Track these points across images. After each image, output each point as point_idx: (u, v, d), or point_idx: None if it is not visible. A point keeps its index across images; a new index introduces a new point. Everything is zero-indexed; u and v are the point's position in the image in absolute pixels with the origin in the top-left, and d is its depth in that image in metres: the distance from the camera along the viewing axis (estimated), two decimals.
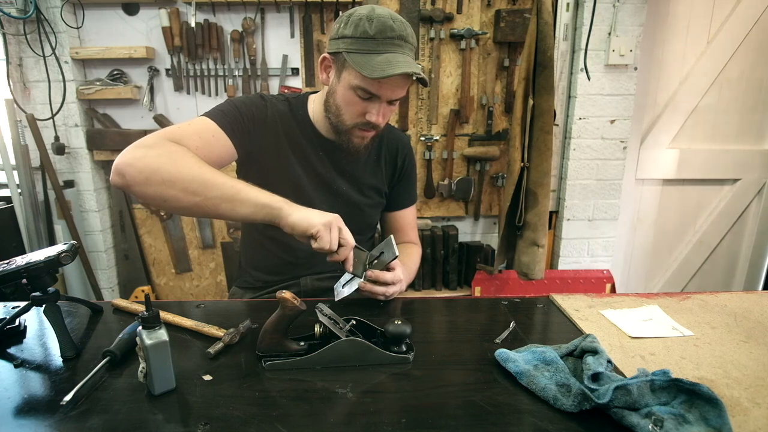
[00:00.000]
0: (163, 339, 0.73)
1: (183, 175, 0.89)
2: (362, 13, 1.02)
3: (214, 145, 1.03)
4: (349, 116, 1.09)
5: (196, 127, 1.03)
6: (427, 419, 0.69)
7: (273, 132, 1.15)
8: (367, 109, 1.07)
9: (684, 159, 2.56)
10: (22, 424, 0.68)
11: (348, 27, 1.02)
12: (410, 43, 1.05)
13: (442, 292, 2.55)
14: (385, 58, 1.00)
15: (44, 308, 0.89)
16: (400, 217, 1.37)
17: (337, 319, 0.86)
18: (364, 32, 1.00)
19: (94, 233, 2.42)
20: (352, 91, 1.05)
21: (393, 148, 1.30)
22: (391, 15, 1.02)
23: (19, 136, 2.13)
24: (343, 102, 1.08)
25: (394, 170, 1.31)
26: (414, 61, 1.05)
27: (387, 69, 0.98)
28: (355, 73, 1.02)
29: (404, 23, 1.03)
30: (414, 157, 1.36)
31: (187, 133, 0.99)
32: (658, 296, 1.14)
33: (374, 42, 1.00)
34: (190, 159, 0.92)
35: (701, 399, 0.68)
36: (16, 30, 2.13)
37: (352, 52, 1.02)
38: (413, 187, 1.38)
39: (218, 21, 2.24)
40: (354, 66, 1.01)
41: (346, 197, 1.24)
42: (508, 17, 2.22)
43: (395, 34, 1.01)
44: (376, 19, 1.00)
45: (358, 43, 1.01)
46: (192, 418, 0.69)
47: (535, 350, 0.83)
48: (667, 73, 2.47)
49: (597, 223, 2.53)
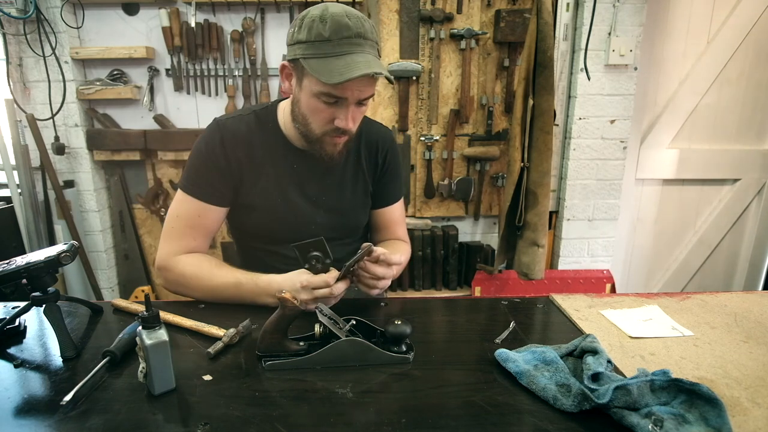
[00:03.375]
0: (163, 339, 0.73)
1: (197, 293, 1.10)
2: (315, 14, 0.95)
3: (205, 221, 1.13)
4: (317, 124, 1.04)
5: (183, 218, 1.11)
6: (427, 419, 0.69)
7: (238, 162, 1.11)
8: (335, 115, 1.02)
9: (684, 159, 2.56)
10: (22, 424, 0.68)
11: (302, 31, 0.96)
12: (370, 39, 0.98)
13: (442, 292, 2.55)
14: (344, 60, 0.94)
15: (44, 308, 0.89)
16: (386, 213, 1.31)
17: (337, 319, 0.86)
18: (318, 35, 0.94)
19: (94, 233, 2.42)
20: (316, 98, 0.99)
21: (372, 145, 1.23)
22: (346, 11, 0.95)
23: (19, 136, 2.13)
24: (308, 110, 1.03)
25: (376, 167, 1.25)
26: (376, 58, 0.99)
27: (346, 72, 0.92)
28: (315, 80, 0.96)
29: (361, 18, 0.97)
30: (397, 151, 1.29)
31: (181, 233, 1.11)
32: (658, 296, 1.14)
33: (330, 44, 0.94)
34: (195, 280, 1.08)
35: (701, 399, 0.68)
36: (16, 30, 2.13)
37: (309, 57, 0.95)
38: (398, 182, 1.31)
39: (218, 21, 2.24)
40: (312, 73, 0.95)
41: (328, 206, 1.20)
42: (508, 17, 2.22)
43: (352, 32, 0.94)
44: (330, 19, 0.93)
45: (314, 48, 0.95)
46: (192, 418, 0.69)
47: (535, 350, 0.83)
48: (667, 73, 2.47)
49: (597, 223, 2.53)
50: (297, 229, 1.16)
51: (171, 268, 1.10)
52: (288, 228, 1.17)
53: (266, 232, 1.20)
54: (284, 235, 1.18)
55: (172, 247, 1.11)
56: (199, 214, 1.11)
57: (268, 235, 1.20)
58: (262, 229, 1.19)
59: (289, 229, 1.17)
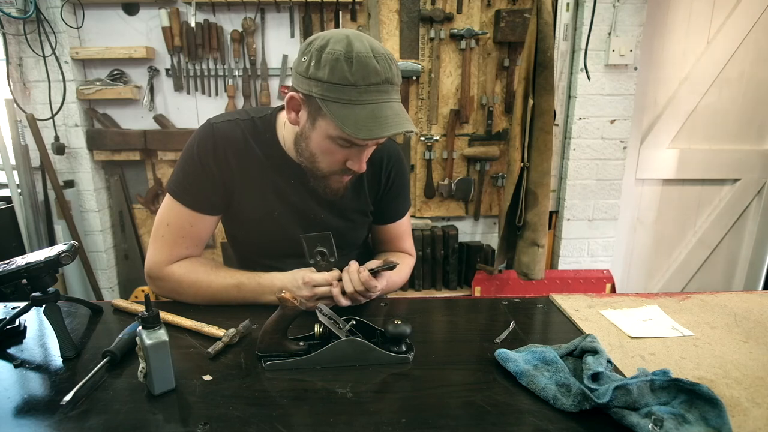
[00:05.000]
0: (163, 339, 0.73)
1: (195, 300, 1.07)
2: (338, 51, 0.84)
3: (196, 230, 1.08)
4: (326, 165, 0.98)
5: (174, 227, 1.07)
6: (427, 419, 0.69)
7: (230, 171, 1.05)
8: (348, 157, 0.96)
9: (684, 159, 2.56)
10: (22, 424, 0.68)
11: (322, 68, 0.85)
12: (396, 84, 0.90)
13: (442, 292, 2.55)
14: (371, 111, 0.86)
15: (44, 308, 0.89)
16: (391, 229, 1.26)
17: (337, 319, 0.86)
18: (343, 78, 0.84)
19: (94, 233, 2.42)
20: (331, 140, 0.92)
21: (377, 163, 1.14)
22: (373, 49, 0.86)
23: (19, 136, 2.13)
24: (319, 150, 0.96)
25: (379, 186, 1.17)
26: (401, 106, 0.92)
27: (375, 129, 0.85)
28: (334, 125, 0.88)
29: (388, 58, 0.87)
30: (404, 167, 1.21)
31: (173, 241, 1.07)
32: (658, 296, 1.14)
33: (356, 91, 0.85)
34: (194, 288, 1.06)
35: (701, 399, 0.68)
36: (16, 30, 2.13)
37: (329, 100, 0.86)
38: (405, 197, 1.24)
39: (218, 21, 2.24)
40: (334, 120, 0.86)
41: (325, 224, 1.12)
42: (508, 17, 2.22)
43: (380, 78, 0.85)
44: (356, 60, 0.84)
45: (337, 91, 0.85)
46: (192, 418, 0.69)
47: (535, 350, 0.83)
48: (667, 73, 2.47)
49: (597, 223, 2.53)
50: (291, 246, 1.08)
51: (164, 278, 1.07)
52: (282, 244, 1.13)
53: (259, 246, 1.16)
54: (277, 250, 1.14)
55: (163, 256, 1.06)
56: (191, 223, 1.06)
57: (261, 249, 1.16)
58: (255, 243, 1.16)
59: (283, 244, 1.13)
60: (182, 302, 1.07)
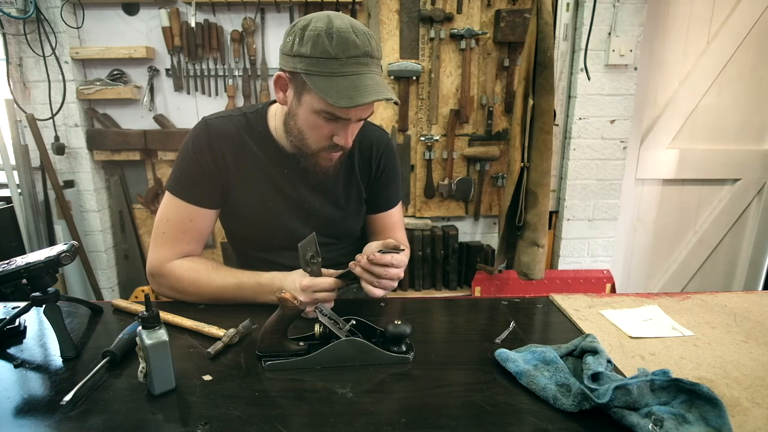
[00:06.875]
0: (163, 339, 0.73)
1: (195, 298, 1.07)
2: (319, 28, 0.89)
3: (196, 225, 1.10)
4: (314, 140, 1.01)
5: (174, 223, 1.08)
6: (427, 419, 0.69)
7: (226, 165, 1.08)
8: (334, 132, 0.99)
9: (684, 159, 2.56)
10: (22, 424, 0.68)
11: (305, 44, 0.90)
12: (376, 58, 0.94)
13: (442, 292, 2.55)
14: (351, 81, 0.90)
15: (44, 308, 0.89)
16: (383, 218, 1.27)
17: (337, 319, 0.86)
18: (324, 51, 0.89)
19: (94, 233, 2.42)
20: (316, 114, 0.96)
21: (366, 149, 1.18)
22: (353, 26, 0.91)
23: (19, 136, 2.13)
24: (306, 126, 1.00)
25: (371, 172, 1.20)
26: (382, 78, 0.96)
27: (356, 97, 0.89)
28: (318, 98, 0.92)
29: (367, 34, 0.92)
30: (394, 154, 1.24)
31: (174, 237, 1.08)
32: (658, 296, 1.14)
33: (337, 63, 0.89)
34: (194, 286, 1.06)
35: (701, 399, 0.68)
36: (16, 30, 2.13)
37: (312, 74, 0.91)
38: (396, 186, 1.26)
39: (218, 21, 2.24)
40: (318, 92, 0.91)
41: (319, 214, 1.16)
42: (508, 17, 2.22)
43: (360, 51, 0.90)
44: (337, 35, 0.88)
45: (319, 65, 0.90)
46: (192, 418, 0.69)
47: (535, 350, 0.83)
48: (667, 73, 2.46)
49: (597, 223, 2.53)
50: (288, 237, 1.12)
51: (166, 274, 1.07)
52: (278, 236, 1.15)
53: (257, 240, 1.17)
54: (275, 242, 1.16)
55: (165, 253, 1.08)
56: (191, 218, 1.08)
57: (259, 243, 1.18)
58: (253, 237, 1.17)
59: (280, 237, 1.15)
60: (182, 302, 1.08)
